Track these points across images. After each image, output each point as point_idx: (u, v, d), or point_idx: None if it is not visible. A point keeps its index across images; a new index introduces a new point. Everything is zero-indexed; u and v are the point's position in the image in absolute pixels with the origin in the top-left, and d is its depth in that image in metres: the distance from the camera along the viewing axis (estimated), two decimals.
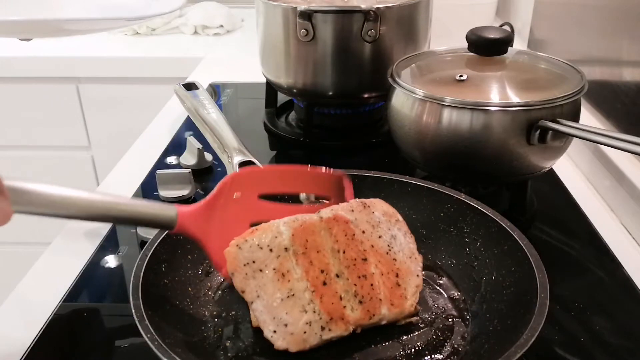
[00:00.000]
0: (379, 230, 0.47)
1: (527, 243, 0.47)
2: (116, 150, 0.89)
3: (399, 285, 0.45)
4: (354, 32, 0.76)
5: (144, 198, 0.70)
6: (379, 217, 0.48)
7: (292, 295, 0.43)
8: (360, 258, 0.45)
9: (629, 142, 0.51)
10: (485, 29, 0.65)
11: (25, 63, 1.32)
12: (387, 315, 0.44)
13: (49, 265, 0.61)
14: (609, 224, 0.68)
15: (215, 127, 0.72)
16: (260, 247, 0.44)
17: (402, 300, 0.45)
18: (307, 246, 0.44)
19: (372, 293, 0.44)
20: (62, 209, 0.39)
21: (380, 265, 0.45)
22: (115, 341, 0.50)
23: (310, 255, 0.44)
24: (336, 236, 0.45)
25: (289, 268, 0.43)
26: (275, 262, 0.44)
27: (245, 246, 0.44)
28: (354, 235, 0.46)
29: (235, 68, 1.22)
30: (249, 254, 0.44)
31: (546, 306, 0.41)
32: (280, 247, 0.44)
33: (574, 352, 0.49)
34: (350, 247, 0.45)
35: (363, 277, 0.44)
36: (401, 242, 0.48)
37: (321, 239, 0.45)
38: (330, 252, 0.45)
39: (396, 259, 0.46)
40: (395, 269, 0.46)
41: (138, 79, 1.33)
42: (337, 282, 0.43)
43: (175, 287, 0.48)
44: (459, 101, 0.59)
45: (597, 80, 0.82)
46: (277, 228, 0.45)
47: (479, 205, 0.53)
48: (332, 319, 0.42)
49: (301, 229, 0.45)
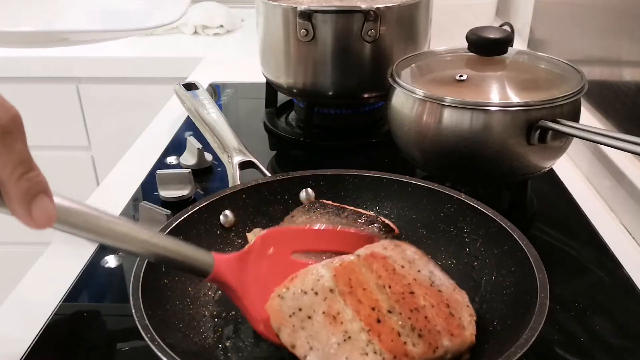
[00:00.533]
0: (416, 266, 0.45)
1: (527, 243, 0.47)
2: (116, 150, 0.89)
3: (452, 315, 0.42)
4: (354, 32, 0.76)
5: (144, 199, 0.70)
6: (411, 255, 0.46)
7: (349, 337, 0.39)
8: (408, 292, 0.42)
9: (629, 142, 0.51)
10: (485, 29, 0.65)
11: (25, 63, 1.32)
12: (450, 347, 0.41)
13: (49, 265, 0.61)
14: (609, 224, 0.68)
15: (215, 127, 0.72)
16: (304, 292, 0.41)
17: (460, 329, 0.42)
18: (351, 284, 0.41)
19: (429, 325, 0.41)
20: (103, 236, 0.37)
21: (428, 297, 0.42)
22: (116, 341, 0.50)
23: (357, 294, 0.41)
24: (377, 272, 0.43)
25: (339, 310, 0.40)
26: (323, 305, 0.41)
27: (288, 294, 0.41)
28: (394, 269, 0.43)
29: (235, 68, 1.22)
30: (293, 302, 0.41)
31: (546, 306, 0.41)
32: (324, 289, 0.41)
33: (574, 352, 0.49)
34: (394, 282, 0.42)
35: (415, 310, 0.41)
36: (440, 277, 0.45)
37: (363, 276, 0.42)
38: (376, 287, 0.42)
39: (441, 290, 0.44)
40: (445, 300, 0.43)
41: (138, 79, 1.33)
42: (391, 318, 0.40)
43: (175, 287, 0.48)
44: (459, 101, 0.59)
45: (597, 80, 0.82)
46: (316, 271, 0.42)
47: (479, 205, 0.53)
48: (395, 358, 0.39)
49: (341, 268, 0.42)
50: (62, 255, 0.62)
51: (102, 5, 0.61)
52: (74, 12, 0.61)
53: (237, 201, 0.56)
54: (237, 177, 0.63)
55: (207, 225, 0.54)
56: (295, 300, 0.41)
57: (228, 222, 0.56)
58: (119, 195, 0.71)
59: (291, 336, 0.40)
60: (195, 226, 0.53)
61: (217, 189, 0.63)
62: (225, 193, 0.56)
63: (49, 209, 0.31)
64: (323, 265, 0.43)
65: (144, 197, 0.71)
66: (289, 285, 0.42)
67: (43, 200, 0.30)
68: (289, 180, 0.59)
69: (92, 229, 0.36)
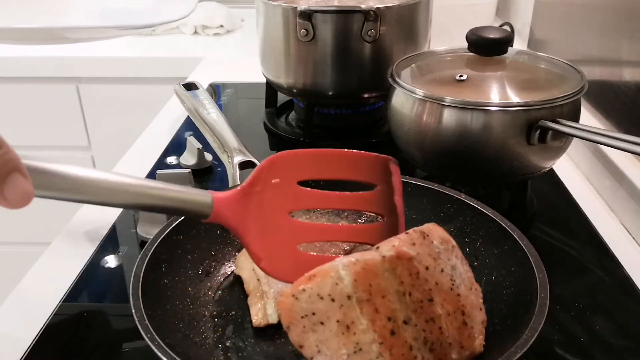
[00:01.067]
0: (440, 263, 0.44)
1: (527, 243, 0.47)
2: (116, 150, 0.89)
3: (465, 324, 0.42)
4: (354, 32, 0.76)
5: None
6: (437, 246, 0.44)
7: (360, 350, 0.38)
8: (427, 299, 0.41)
9: (629, 142, 0.51)
10: (485, 29, 0.65)
11: (25, 63, 1.32)
12: (458, 357, 0.41)
13: (49, 265, 0.61)
14: (609, 224, 0.68)
15: (215, 127, 0.72)
16: (320, 297, 0.40)
17: (470, 340, 0.42)
18: (371, 292, 0.40)
19: (441, 338, 0.40)
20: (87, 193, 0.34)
21: (446, 305, 0.42)
22: (116, 341, 0.50)
23: (376, 302, 0.40)
24: (401, 277, 0.41)
25: (354, 319, 0.39)
26: (338, 313, 0.39)
27: (304, 296, 0.40)
28: (418, 273, 0.42)
29: (235, 68, 1.22)
30: (307, 305, 0.40)
31: (546, 306, 0.41)
32: (342, 295, 0.40)
33: (574, 352, 0.49)
34: (415, 288, 0.41)
35: (431, 321, 0.41)
36: (461, 273, 0.45)
37: (385, 281, 0.41)
38: (395, 295, 0.40)
39: (460, 294, 0.43)
40: (461, 306, 0.43)
41: (138, 79, 1.33)
42: (406, 330, 0.40)
43: (175, 287, 0.48)
44: (459, 101, 0.59)
45: (597, 80, 0.82)
46: (337, 274, 0.40)
47: (479, 205, 0.53)
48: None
49: (363, 272, 0.40)
50: (62, 255, 0.62)
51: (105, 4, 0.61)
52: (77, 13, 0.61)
53: None
54: (237, 177, 0.63)
55: (207, 225, 0.54)
56: (310, 304, 0.40)
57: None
58: None
59: (300, 336, 0.40)
60: (195, 226, 0.53)
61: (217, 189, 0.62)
62: None
63: (24, 188, 0.28)
64: (344, 265, 0.41)
65: None
66: (305, 286, 0.40)
67: (16, 179, 0.28)
68: None
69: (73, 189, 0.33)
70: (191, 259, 0.52)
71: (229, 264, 0.54)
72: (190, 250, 0.52)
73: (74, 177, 0.33)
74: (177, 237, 0.50)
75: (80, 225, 0.67)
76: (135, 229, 0.63)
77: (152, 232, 0.53)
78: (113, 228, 0.65)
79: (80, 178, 0.34)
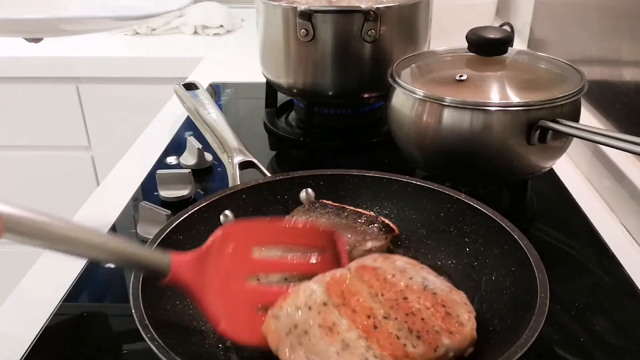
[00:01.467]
0: (407, 274, 0.45)
1: (527, 243, 0.47)
2: (116, 150, 0.89)
3: (449, 314, 0.42)
4: (354, 32, 0.76)
5: (144, 199, 0.70)
6: (402, 265, 0.46)
7: (347, 346, 0.39)
8: (401, 297, 0.42)
9: (629, 142, 0.51)
10: (485, 29, 0.65)
11: (25, 63, 1.32)
12: (451, 345, 0.41)
13: (49, 265, 0.61)
14: (609, 224, 0.68)
15: (215, 127, 0.72)
16: (297, 308, 0.42)
17: (459, 327, 0.42)
18: (344, 296, 0.42)
19: (426, 326, 0.41)
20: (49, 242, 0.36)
21: (422, 301, 0.43)
22: (116, 341, 0.50)
23: (351, 304, 0.41)
24: (369, 282, 0.43)
25: (334, 321, 0.41)
26: (318, 318, 0.41)
27: (282, 313, 0.42)
28: (385, 279, 0.44)
29: (235, 68, 1.22)
30: (288, 320, 0.41)
31: (546, 306, 0.41)
32: (318, 303, 0.42)
33: (574, 352, 0.49)
34: (386, 290, 0.43)
35: (411, 314, 0.41)
36: (435, 281, 0.45)
37: (355, 287, 0.43)
38: (369, 296, 0.42)
39: (436, 293, 0.44)
40: (440, 302, 0.43)
41: (138, 79, 1.33)
42: (387, 323, 0.41)
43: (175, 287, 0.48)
44: (459, 101, 0.59)
45: (597, 80, 0.82)
46: (308, 287, 0.43)
47: (479, 205, 0.53)
48: (395, 359, 0.39)
49: (333, 282, 0.43)
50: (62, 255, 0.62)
51: None
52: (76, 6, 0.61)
53: (237, 201, 0.56)
54: (237, 177, 0.63)
55: (207, 225, 0.54)
56: (289, 318, 0.41)
57: (228, 222, 0.56)
58: (119, 195, 0.71)
59: (290, 354, 0.40)
60: (195, 226, 0.53)
61: (217, 189, 0.63)
62: (225, 193, 0.56)
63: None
64: (314, 280, 0.44)
65: (144, 197, 0.71)
66: (282, 304, 0.42)
67: None
68: (289, 180, 0.59)
69: (41, 236, 0.35)
70: None
71: None
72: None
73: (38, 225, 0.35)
74: (177, 237, 0.50)
75: None
76: (135, 229, 0.63)
77: (152, 232, 0.53)
78: (113, 228, 0.65)
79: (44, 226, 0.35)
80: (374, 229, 0.54)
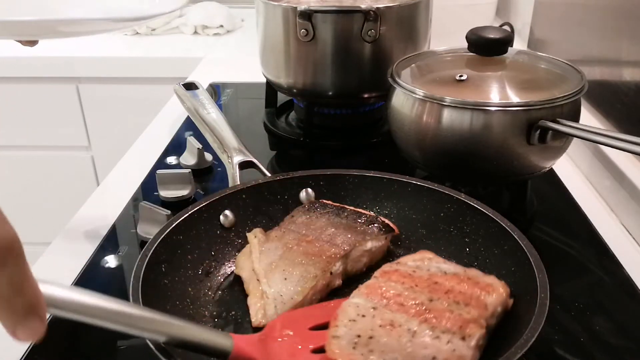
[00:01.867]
0: (423, 267, 0.48)
1: (527, 243, 0.47)
2: (116, 150, 0.89)
3: (478, 282, 0.45)
4: (354, 32, 0.76)
5: (144, 199, 0.70)
6: (414, 264, 0.48)
7: (415, 332, 0.40)
8: (432, 283, 0.45)
9: (629, 142, 0.51)
10: (485, 29, 0.65)
11: (25, 63, 1.32)
12: (495, 301, 0.44)
13: (49, 265, 0.61)
14: (609, 224, 0.68)
15: (215, 127, 0.72)
16: (352, 320, 0.42)
17: (492, 286, 0.45)
18: (386, 297, 0.44)
19: (467, 295, 0.44)
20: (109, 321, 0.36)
21: (450, 281, 0.45)
22: (115, 341, 0.50)
23: (396, 301, 0.43)
24: (398, 280, 0.45)
25: (391, 318, 0.42)
26: (376, 320, 0.42)
27: (340, 331, 0.42)
28: (410, 274, 0.46)
29: (235, 68, 1.22)
30: (348, 333, 0.41)
31: (546, 306, 0.41)
32: (368, 309, 0.43)
33: (574, 352, 0.49)
34: (417, 281, 0.45)
35: (449, 292, 0.44)
36: (448, 267, 0.48)
37: (390, 287, 0.45)
38: (407, 291, 0.44)
39: (456, 273, 0.46)
40: (464, 278, 0.46)
41: (138, 79, 1.33)
42: (436, 304, 0.43)
43: (175, 287, 0.48)
44: (459, 101, 0.59)
45: (597, 80, 0.82)
46: (351, 302, 0.44)
47: (479, 205, 0.53)
48: (461, 327, 0.40)
49: (369, 289, 0.45)
50: (62, 255, 0.62)
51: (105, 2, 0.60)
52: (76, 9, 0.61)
53: (237, 201, 0.56)
54: (237, 177, 0.63)
55: (207, 225, 0.54)
56: (349, 331, 0.41)
57: (228, 222, 0.56)
58: (119, 195, 0.71)
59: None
60: (195, 226, 0.53)
61: (217, 189, 0.63)
62: (225, 193, 0.56)
63: (35, 330, 0.30)
64: (352, 296, 0.45)
65: (144, 197, 0.71)
66: (336, 323, 0.42)
67: (33, 323, 0.30)
68: (289, 180, 0.59)
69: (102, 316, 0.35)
70: (191, 259, 0.52)
71: (229, 264, 0.54)
72: (190, 250, 0.52)
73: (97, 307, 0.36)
74: (177, 237, 0.50)
75: (80, 225, 0.67)
76: (135, 229, 0.63)
77: (152, 232, 0.53)
78: (113, 228, 0.65)
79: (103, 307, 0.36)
80: (373, 229, 0.54)
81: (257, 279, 0.50)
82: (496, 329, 0.44)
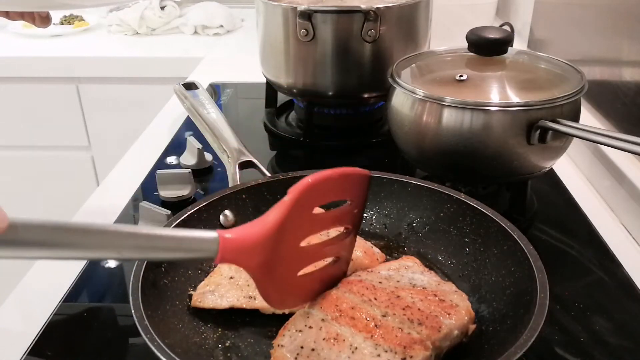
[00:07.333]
0: (393, 279, 0.47)
1: (527, 243, 0.47)
2: (116, 150, 0.89)
3: (443, 300, 0.44)
4: (354, 32, 0.76)
5: (144, 199, 0.70)
6: (386, 273, 0.48)
7: (356, 349, 0.41)
8: (394, 297, 0.44)
9: (629, 142, 0.51)
10: (485, 29, 0.65)
11: (25, 63, 1.32)
12: (452, 323, 0.43)
13: (49, 265, 0.60)
14: (609, 224, 0.68)
15: (215, 127, 0.72)
16: (299, 331, 0.43)
17: (455, 307, 0.44)
18: (340, 309, 0.43)
19: (424, 313, 0.43)
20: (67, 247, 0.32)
21: (415, 295, 0.45)
22: (115, 341, 0.50)
23: (348, 314, 0.43)
24: (359, 292, 0.45)
25: (337, 331, 0.42)
26: (321, 333, 0.42)
27: (286, 340, 0.43)
28: (373, 286, 0.46)
29: (235, 68, 1.22)
30: (293, 344, 0.42)
31: (546, 306, 0.41)
32: (317, 320, 0.43)
33: (574, 352, 0.49)
34: (377, 294, 0.45)
35: (407, 308, 0.43)
36: (422, 279, 0.47)
37: (347, 299, 0.44)
38: (363, 304, 0.44)
39: (425, 287, 0.46)
40: (431, 293, 0.45)
41: (138, 79, 1.33)
42: (388, 320, 0.42)
43: (175, 287, 0.48)
44: (459, 101, 0.59)
45: (597, 80, 0.82)
46: (304, 311, 0.44)
47: (479, 205, 0.53)
48: (406, 348, 0.40)
49: (325, 300, 0.44)
50: None
51: None
52: None
53: (237, 201, 0.57)
54: (237, 177, 0.63)
55: (207, 225, 0.54)
56: (294, 341, 0.42)
57: (228, 222, 0.56)
58: (119, 195, 0.71)
59: None
60: (195, 226, 0.53)
61: (217, 189, 0.63)
62: (225, 193, 0.56)
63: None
64: (308, 305, 0.45)
65: (144, 197, 0.71)
66: (284, 332, 0.43)
67: None
68: (289, 180, 0.59)
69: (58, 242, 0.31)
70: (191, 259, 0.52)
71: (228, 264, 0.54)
72: None
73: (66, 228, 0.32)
74: None
75: None
76: None
77: None
78: None
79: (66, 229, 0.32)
80: None
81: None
82: (490, 334, 0.44)
